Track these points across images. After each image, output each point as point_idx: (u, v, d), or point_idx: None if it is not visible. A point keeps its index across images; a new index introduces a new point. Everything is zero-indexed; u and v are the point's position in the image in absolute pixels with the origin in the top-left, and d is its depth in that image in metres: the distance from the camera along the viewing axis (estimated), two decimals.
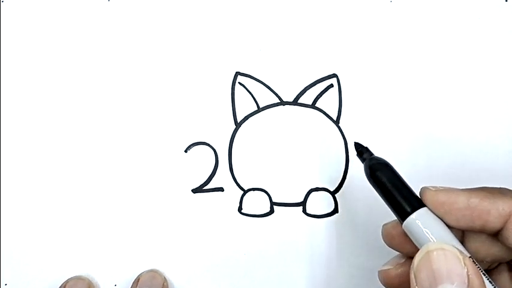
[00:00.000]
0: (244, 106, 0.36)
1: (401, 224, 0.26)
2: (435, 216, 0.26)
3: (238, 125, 0.36)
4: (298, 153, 0.36)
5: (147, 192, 0.36)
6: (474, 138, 0.36)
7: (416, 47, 0.36)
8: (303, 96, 0.36)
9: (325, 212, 0.36)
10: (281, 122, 0.36)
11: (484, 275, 0.24)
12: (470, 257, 0.25)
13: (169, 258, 0.36)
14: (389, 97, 0.36)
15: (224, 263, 0.36)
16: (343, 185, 0.36)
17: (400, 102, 0.36)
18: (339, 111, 0.36)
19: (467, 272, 0.23)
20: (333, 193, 0.36)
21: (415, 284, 0.24)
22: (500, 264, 0.28)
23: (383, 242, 0.30)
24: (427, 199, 0.26)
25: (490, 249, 0.27)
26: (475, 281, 0.23)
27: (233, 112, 0.36)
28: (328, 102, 0.36)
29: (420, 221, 0.26)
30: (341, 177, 0.36)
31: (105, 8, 0.37)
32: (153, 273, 0.35)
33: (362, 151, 0.29)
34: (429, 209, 0.26)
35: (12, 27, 0.37)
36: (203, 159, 0.36)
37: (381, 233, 0.29)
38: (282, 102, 0.36)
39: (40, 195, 0.36)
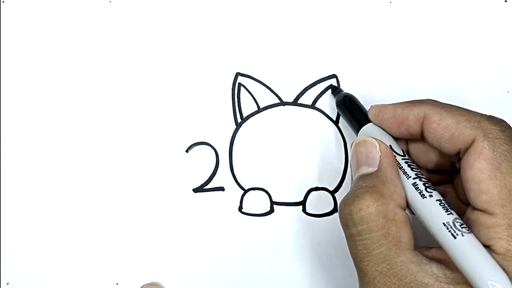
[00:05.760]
0: (245, 106, 0.36)
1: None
2: (377, 127, 0.30)
3: (238, 125, 0.37)
4: (298, 153, 0.36)
5: (149, 191, 0.36)
6: None
7: (416, 48, 0.36)
8: (302, 97, 0.36)
9: (325, 211, 0.36)
10: (281, 122, 0.36)
11: (419, 177, 0.27)
12: (407, 159, 0.28)
13: (169, 257, 0.36)
14: (389, 97, 0.36)
15: (224, 262, 0.36)
16: (343, 185, 0.36)
17: None
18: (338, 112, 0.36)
19: (381, 155, 0.27)
20: (332, 192, 0.36)
21: (350, 171, 0.29)
22: (447, 186, 0.31)
23: None
24: (369, 114, 0.31)
25: (428, 156, 0.30)
26: (385, 162, 0.27)
27: (233, 112, 0.37)
28: (328, 102, 0.36)
29: (367, 132, 0.30)
30: (340, 176, 0.36)
31: (106, 8, 0.37)
32: (154, 287, 0.35)
33: (335, 88, 0.36)
34: (373, 122, 0.31)
35: (12, 27, 0.37)
36: (204, 159, 0.36)
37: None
38: (282, 103, 0.36)
39: (41, 194, 0.36)
